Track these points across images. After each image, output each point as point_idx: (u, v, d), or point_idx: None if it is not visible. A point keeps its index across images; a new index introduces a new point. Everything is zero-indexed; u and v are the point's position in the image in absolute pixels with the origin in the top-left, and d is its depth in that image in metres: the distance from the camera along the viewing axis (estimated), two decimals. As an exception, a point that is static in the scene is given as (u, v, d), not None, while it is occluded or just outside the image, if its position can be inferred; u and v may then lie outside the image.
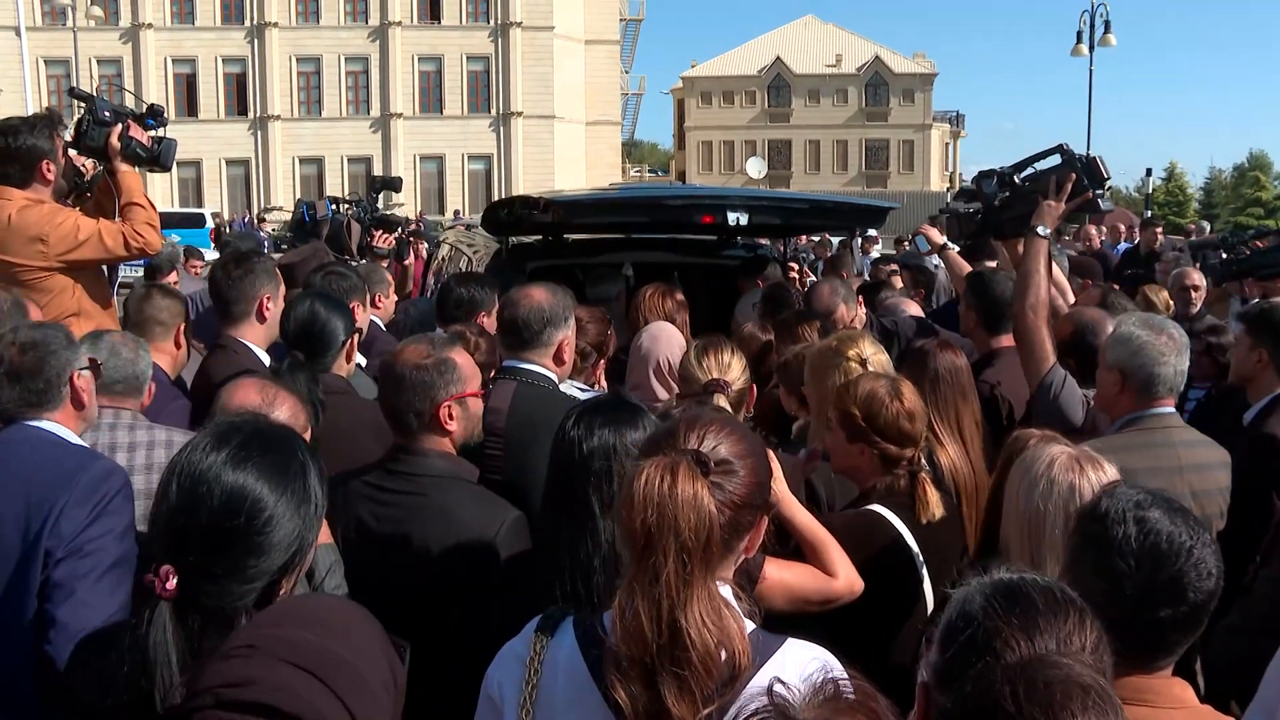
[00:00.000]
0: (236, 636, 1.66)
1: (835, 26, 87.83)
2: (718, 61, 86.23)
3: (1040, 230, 4.63)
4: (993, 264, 7.67)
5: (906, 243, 18.50)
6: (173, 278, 8.31)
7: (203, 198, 60.24)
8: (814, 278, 7.66)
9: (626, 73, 79.41)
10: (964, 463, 3.88)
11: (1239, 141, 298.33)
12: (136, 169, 5.18)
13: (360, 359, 4.67)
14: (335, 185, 57.53)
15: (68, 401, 3.31)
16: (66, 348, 3.33)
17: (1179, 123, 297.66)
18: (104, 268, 5.15)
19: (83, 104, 5.15)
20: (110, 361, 3.71)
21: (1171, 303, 7.50)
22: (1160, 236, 13.70)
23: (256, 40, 63.00)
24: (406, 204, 57.59)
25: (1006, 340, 5.21)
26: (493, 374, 4.19)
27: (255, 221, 47.75)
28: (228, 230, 33.51)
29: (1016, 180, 5.01)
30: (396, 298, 6.90)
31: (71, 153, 5.15)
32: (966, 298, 5.37)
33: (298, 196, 48.36)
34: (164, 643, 1.88)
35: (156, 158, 5.27)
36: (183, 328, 4.77)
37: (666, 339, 5.12)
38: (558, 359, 4.08)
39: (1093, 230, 15.77)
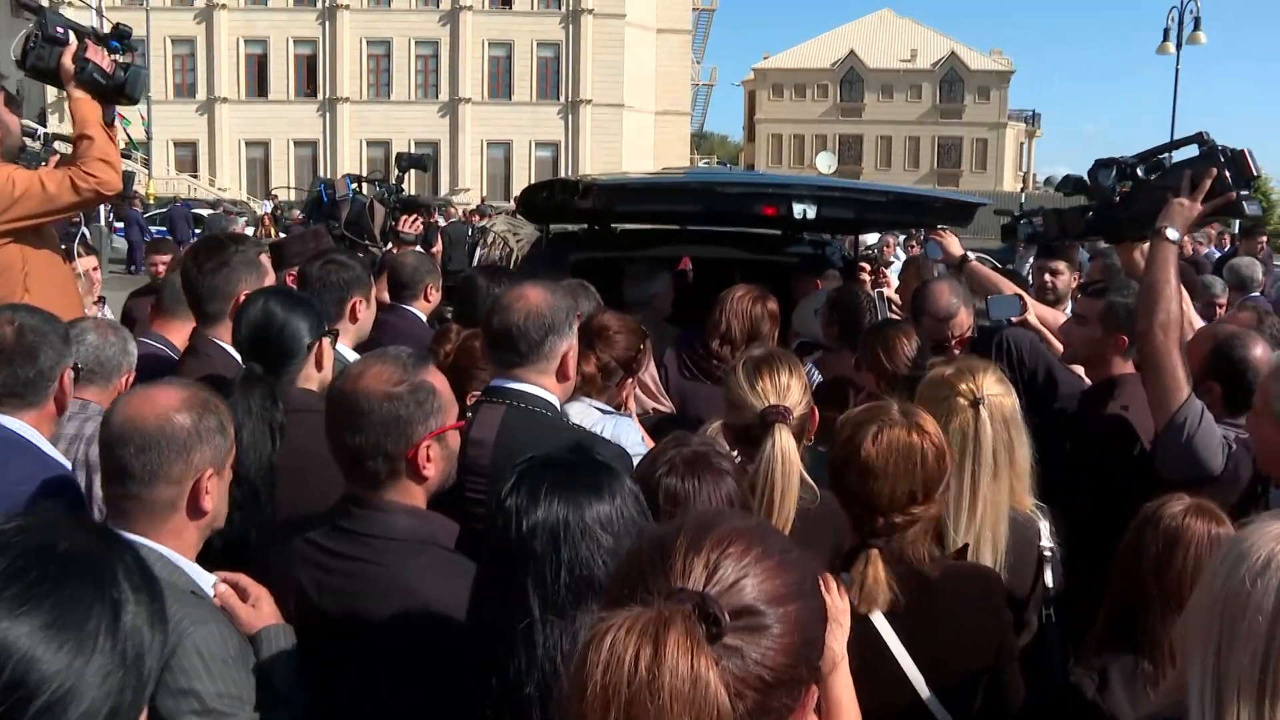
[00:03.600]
0: None
1: (911, 21, 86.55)
2: (790, 54, 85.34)
3: (1170, 233, 3.80)
4: (1064, 273, 6.76)
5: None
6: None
7: (271, 178, 60.54)
8: (891, 280, 6.79)
9: (698, 63, 78.66)
10: None
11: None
12: (97, 98, 4.41)
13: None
14: (403, 168, 57.36)
15: (51, 400, 3.13)
16: (64, 341, 3.15)
17: (1266, 125, 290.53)
18: (63, 245, 4.41)
19: (31, 16, 4.33)
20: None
21: None
22: (1264, 246, 12.37)
23: (328, 22, 63.06)
24: (473, 189, 57.54)
25: (1129, 366, 4.39)
26: (471, 397, 3.43)
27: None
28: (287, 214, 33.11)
29: (1140, 173, 4.17)
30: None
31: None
32: (1107, 318, 4.44)
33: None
34: None
35: (121, 86, 4.43)
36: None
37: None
38: (561, 375, 3.27)
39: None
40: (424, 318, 5.61)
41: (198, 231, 28.13)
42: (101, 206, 31.16)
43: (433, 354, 4.14)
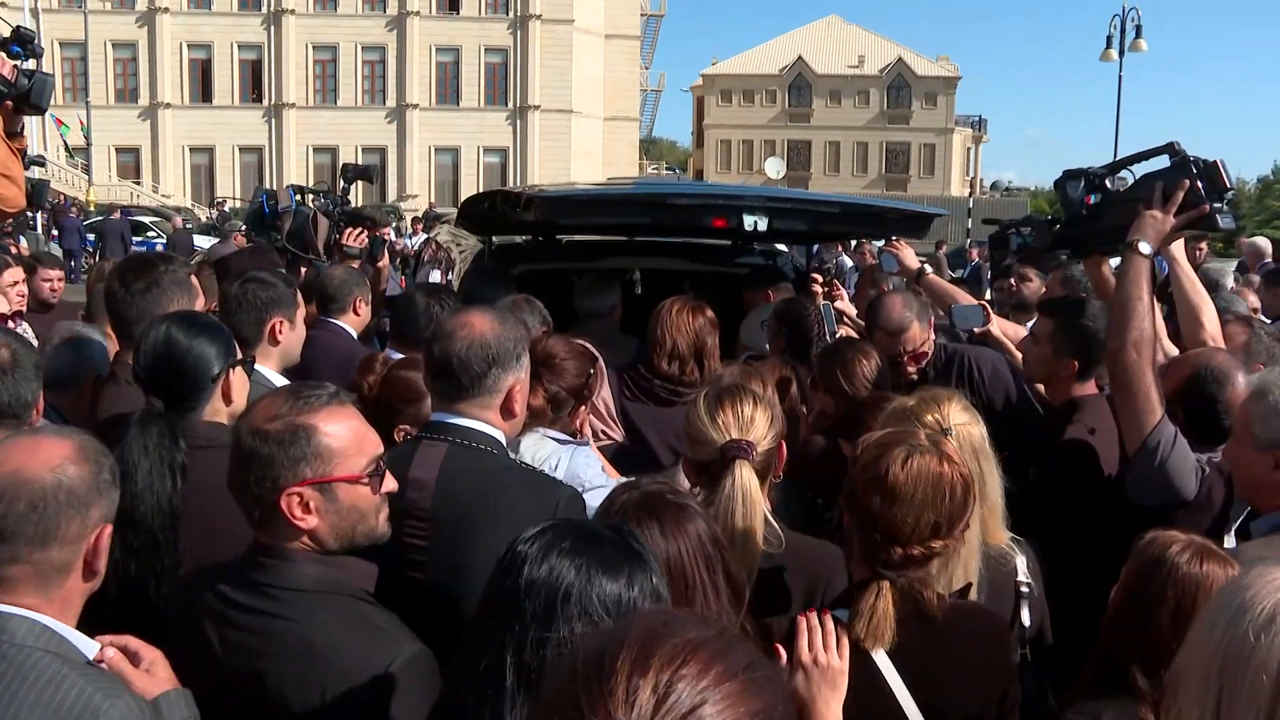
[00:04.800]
0: None
1: (858, 27, 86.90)
2: (739, 59, 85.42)
3: (1142, 247, 3.63)
4: (1033, 280, 6.64)
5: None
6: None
7: (215, 185, 59.81)
8: (845, 292, 6.59)
9: (646, 69, 78.55)
10: None
11: (1264, 152, 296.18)
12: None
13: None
14: (350, 175, 56.86)
15: None
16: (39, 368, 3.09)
17: (1205, 132, 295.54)
18: None
19: None
20: None
21: None
22: (1202, 251, 12.12)
23: (273, 27, 62.39)
24: (420, 196, 57.09)
25: (1092, 386, 4.20)
26: (400, 430, 3.18)
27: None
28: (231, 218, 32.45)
29: (1110, 185, 3.98)
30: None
31: None
32: (1057, 341, 4.24)
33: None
34: None
35: (26, 94, 4.11)
36: None
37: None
38: (506, 411, 2.96)
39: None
40: (353, 332, 5.35)
41: (161, 243, 27.28)
42: (39, 215, 30.55)
43: (356, 385, 3.91)
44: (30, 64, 4.14)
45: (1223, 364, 3.72)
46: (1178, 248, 4.18)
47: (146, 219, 37.65)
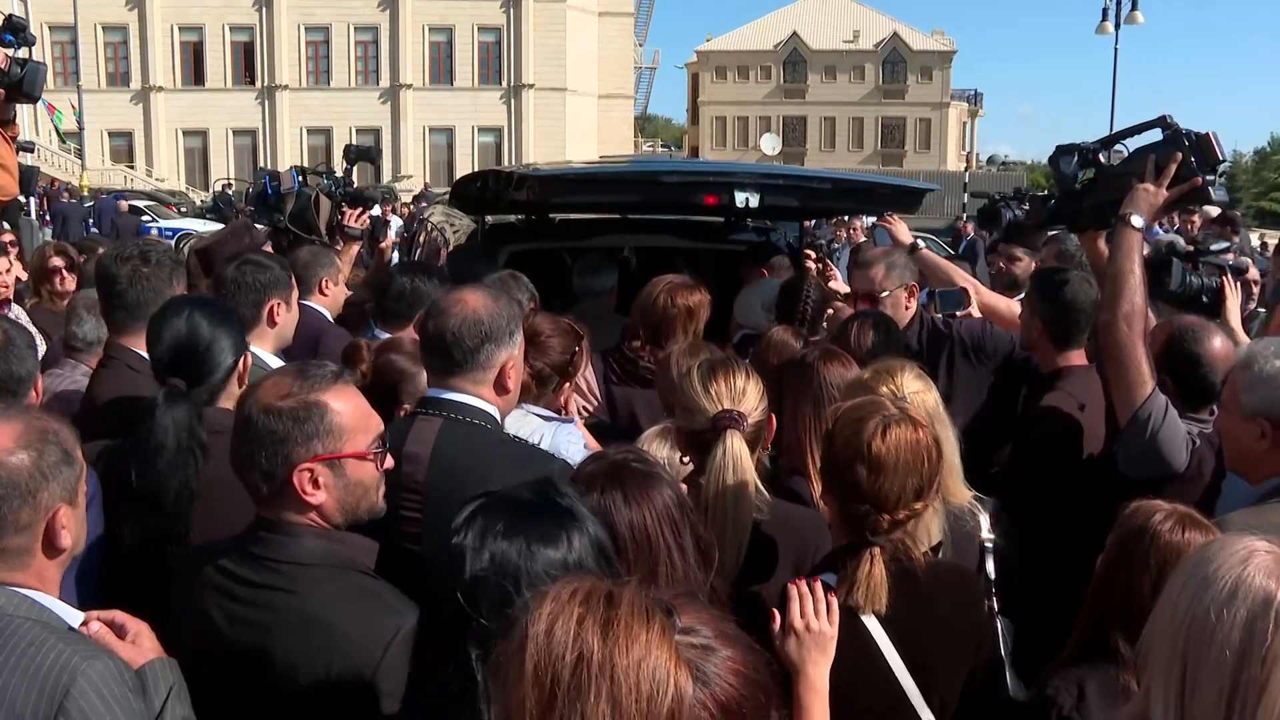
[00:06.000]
0: None
1: (853, 1, 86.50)
2: (733, 35, 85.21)
3: (1135, 220, 3.62)
4: (1023, 259, 6.63)
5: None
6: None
7: (210, 168, 59.62)
8: (838, 271, 6.58)
9: (640, 46, 78.40)
10: None
11: (1261, 124, 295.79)
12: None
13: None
14: (344, 157, 56.76)
15: None
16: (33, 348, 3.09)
17: (1201, 105, 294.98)
18: None
19: None
20: None
21: None
22: (1196, 225, 12.08)
23: (264, 8, 62.06)
24: (415, 176, 56.92)
25: (1077, 357, 4.22)
26: (402, 409, 3.20)
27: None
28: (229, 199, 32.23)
29: (1104, 159, 3.98)
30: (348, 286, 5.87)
31: None
32: (1031, 302, 4.34)
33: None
34: None
35: (19, 83, 4.16)
36: None
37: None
38: (499, 387, 3.01)
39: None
40: (324, 311, 5.29)
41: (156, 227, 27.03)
42: (31, 200, 30.42)
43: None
44: (22, 52, 4.16)
45: (1195, 322, 3.84)
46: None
47: (141, 203, 37.53)
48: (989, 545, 3.24)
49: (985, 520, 3.25)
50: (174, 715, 2.16)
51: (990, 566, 3.22)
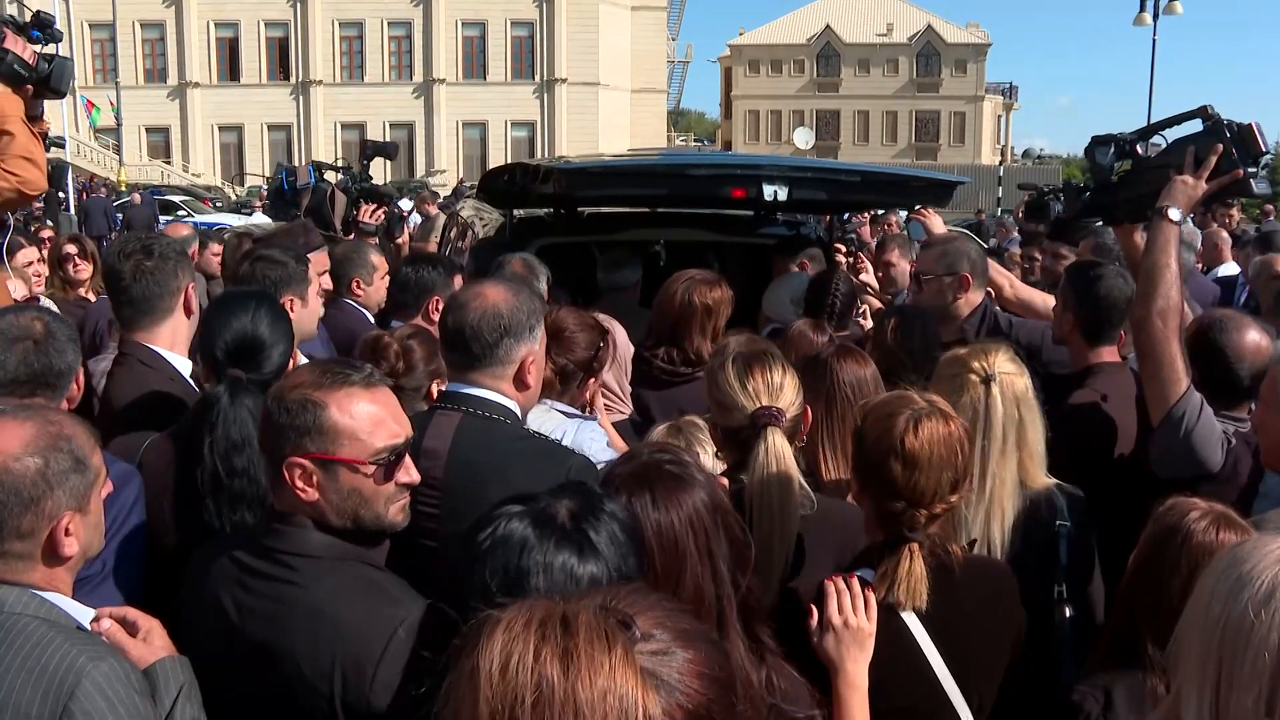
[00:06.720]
0: None
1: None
2: (766, 29, 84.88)
3: (1172, 213, 3.54)
4: (1070, 258, 6.53)
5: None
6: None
7: (245, 163, 60.07)
8: (867, 263, 6.51)
9: (673, 40, 78.26)
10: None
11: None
12: (19, 91, 4.11)
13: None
14: (379, 151, 57.07)
15: None
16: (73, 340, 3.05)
17: (1242, 95, 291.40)
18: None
19: None
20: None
21: None
22: (1234, 218, 11.73)
23: (299, 4, 62.52)
24: (448, 171, 57.07)
25: (1109, 354, 4.14)
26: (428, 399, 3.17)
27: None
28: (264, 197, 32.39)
29: (1141, 150, 3.89)
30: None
31: None
32: (1065, 296, 4.25)
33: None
34: None
35: (47, 79, 4.14)
36: None
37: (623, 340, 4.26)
38: (519, 382, 2.95)
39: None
40: (361, 309, 5.37)
41: (194, 222, 27.24)
42: (70, 194, 30.72)
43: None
44: (50, 48, 4.16)
45: (1228, 315, 3.76)
46: None
47: (177, 198, 37.86)
48: (1061, 532, 3.20)
49: (1064, 505, 3.23)
50: (184, 715, 2.14)
51: (1063, 553, 3.19)
